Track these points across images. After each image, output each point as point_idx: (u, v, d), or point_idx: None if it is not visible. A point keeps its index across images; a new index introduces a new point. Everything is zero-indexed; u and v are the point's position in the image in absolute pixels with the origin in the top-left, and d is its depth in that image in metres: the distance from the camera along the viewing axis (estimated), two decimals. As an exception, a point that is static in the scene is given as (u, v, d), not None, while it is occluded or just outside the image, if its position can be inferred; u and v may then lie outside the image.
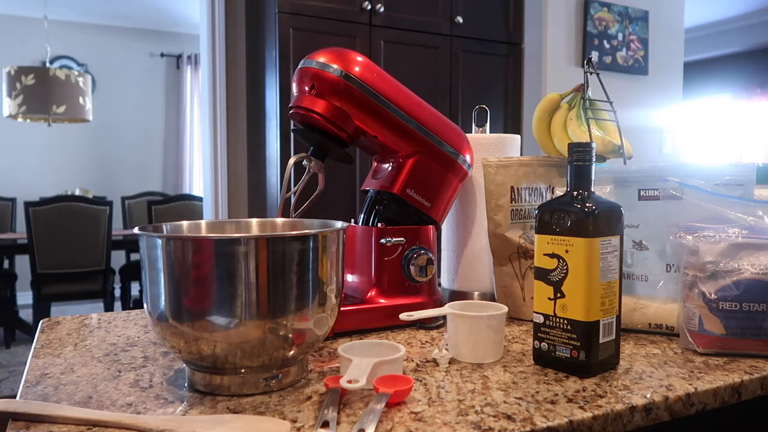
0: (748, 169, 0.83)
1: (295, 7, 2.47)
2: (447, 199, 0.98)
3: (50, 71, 3.87)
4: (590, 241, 0.68)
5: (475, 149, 1.04)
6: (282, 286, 0.61)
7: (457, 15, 2.80)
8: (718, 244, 0.78)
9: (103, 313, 1.04)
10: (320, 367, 0.72)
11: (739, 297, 0.75)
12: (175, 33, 5.88)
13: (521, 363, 0.75)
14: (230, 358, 0.61)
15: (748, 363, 0.74)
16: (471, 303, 0.81)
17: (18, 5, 5.09)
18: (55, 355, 0.78)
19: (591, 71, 1.03)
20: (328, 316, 0.66)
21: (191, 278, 0.59)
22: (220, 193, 2.84)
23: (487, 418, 0.57)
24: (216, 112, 2.82)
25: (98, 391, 0.65)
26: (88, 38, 5.54)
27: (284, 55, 2.46)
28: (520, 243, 0.95)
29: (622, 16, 3.06)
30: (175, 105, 5.94)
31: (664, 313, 0.86)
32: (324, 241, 0.64)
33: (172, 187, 5.91)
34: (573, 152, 0.72)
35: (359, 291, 0.93)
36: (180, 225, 0.74)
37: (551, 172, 1.00)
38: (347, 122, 0.88)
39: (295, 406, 0.60)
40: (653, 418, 0.62)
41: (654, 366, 0.73)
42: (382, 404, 0.57)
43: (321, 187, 0.96)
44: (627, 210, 0.83)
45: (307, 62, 0.89)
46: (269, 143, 2.61)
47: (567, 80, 2.94)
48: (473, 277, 1.06)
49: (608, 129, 1.05)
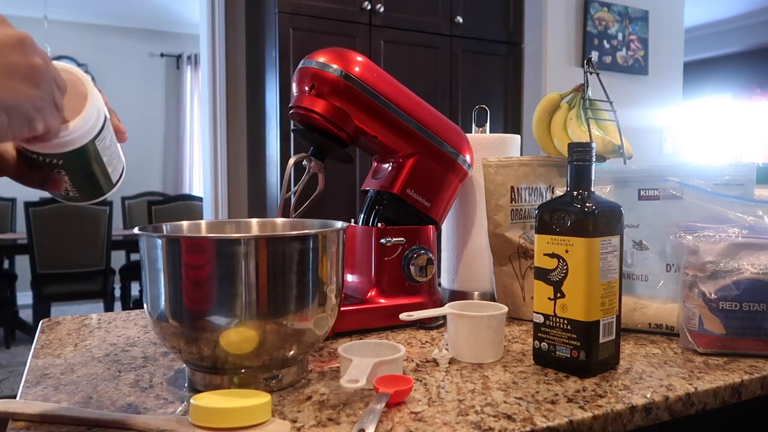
0: (748, 169, 0.83)
1: (295, 7, 2.47)
2: (447, 199, 0.98)
3: (50, 71, 3.86)
4: (590, 241, 0.68)
5: (475, 149, 1.04)
6: (282, 286, 0.61)
7: (457, 15, 2.80)
8: (718, 244, 0.78)
9: (103, 313, 1.04)
10: (320, 367, 0.72)
11: (739, 297, 0.75)
12: (175, 33, 5.88)
13: (521, 363, 0.75)
14: (230, 358, 0.61)
15: (748, 363, 0.74)
16: (471, 303, 0.81)
17: (18, 5, 5.09)
18: (55, 355, 0.78)
19: (591, 71, 1.03)
20: (328, 316, 0.66)
21: (191, 278, 0.59)
22: (220, 193, 2.85)
23: (487, 418, 0.57)
24: (216, 112, 2.82)
25: (98, 391, 0.65)
26: (88, 38, 5.54)
27: (284, 55, 2.46)
28: (520, 243, 0.95)
29: (622, 16, 3.06)
30: (175, 105, 5.93)
31: (664, 313, 0.86)
32: (324, 241, 0.64)
33: (172, 187, 5.91)
34: (573, 152, 0.72)
35: (359, 291, 0.93)
36: (180, 225, 0.74)
37: (551, 172, 1.00)
38: (347, 122, 0.88)
39: (295, 406, 0.60)
40: (653, 418, 0.62)
41: (654, 366, 0.73)
42: (382, 404, 0.57)
43: (321, 187, 0.96)
44: (627, 210, 0.83)
45: (307, 62, 0.89)
46: (269, 143, 2.61)
47: (567, 80, 2.94)
48: (473, 277, 1.06)
49: (608, 129, 1.05)
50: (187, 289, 0.60)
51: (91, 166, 0.55)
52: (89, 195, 0.58)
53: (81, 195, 0.57)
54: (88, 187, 0.57)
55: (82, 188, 0.57)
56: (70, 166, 0.54)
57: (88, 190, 0.57)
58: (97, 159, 0.55)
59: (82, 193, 0.57)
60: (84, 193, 0.57)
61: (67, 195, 0.57)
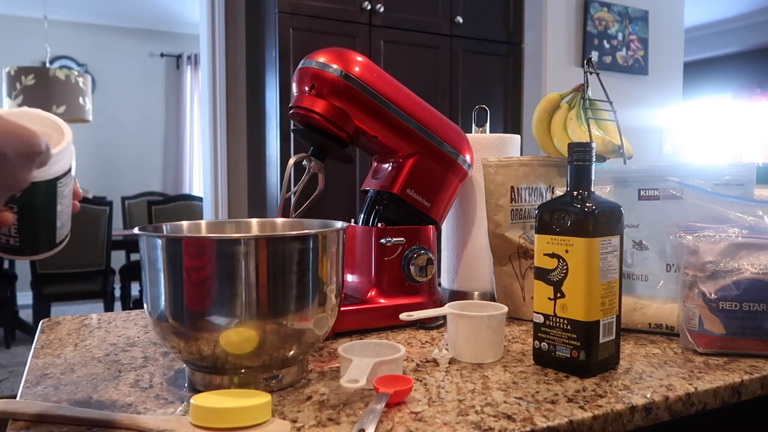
0: (748, 169, 0.83)
1: (295, 7, 2.47)
2: (447, 199, 0.98)
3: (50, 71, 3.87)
4: (590, 241, 0.68)
5: (475, 149, 1.04)
6: (282, 286, 0.61)
7: (457, 15, 2.80)
8: (718, 244, 0.78)
9: (103, 313, 1.04)
10: (320, 367, 0.72)
11: (739, 297, 0.75)
12: (175, 33, 5.88)
13: (521, 363, 0.75)
14: (230, 358, 0.61)
15: (748, 363, 0.74)
16: (471, 303, 0.81)
17: (18, 5, 5.09)
18: (55, 355, 0.78)
19: (591, 71, 1.03)
20: (328, 316, 0.66)
21: (191, 278, 0.59)
22: (220, 193, 2.84)
23: (487, 418, 0.57)
24: (216, 112, 2.82)
25: (98, 391, 0.65)
26: (88, 38, 5.54)
27: (284, 55, 2.46)
28: (520, 243, 0.95)
29: (622, 16, 3.06)
30: (175, 105, 5.93)
31: (664, 313, 0.86)
32: (324, 241, 0.64)
33: (172, 187, 5.91)
34: (573, 152, 0.72)
35: (359, 291, 0.93)
36: (180, 225, 0.74)
37: (551, 172, 1.00)
38: (347, 122, 0.88)
39: (295, 406, 0.60)
40: (653, 418, 0.62)
41: (654, 366, 0.73)
42: (382, 404, 0.57)
43: (321, 187, 0.96)
44: (627, 210, 0.83)
45: (307, 62, 0.89)
46: (269, 143, 2.61)
47: (567, 80, 2.94)
48: (473, 277, 1.06)
49: (608, 129, 1.05)
50: (187, 289, 0.60)
51: (45, 209, 0.54)
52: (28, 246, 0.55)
53: (20, 244, 0.55)
54: (31, 235, 0.55)
55: (25, 235, 0.54)
56: (27, 202, 0.52)
57: (29, 240, 0.55)
58: (52, 204, 0.54)
59: (22, 242, 0.55)
60: (24, 242, 0.55)
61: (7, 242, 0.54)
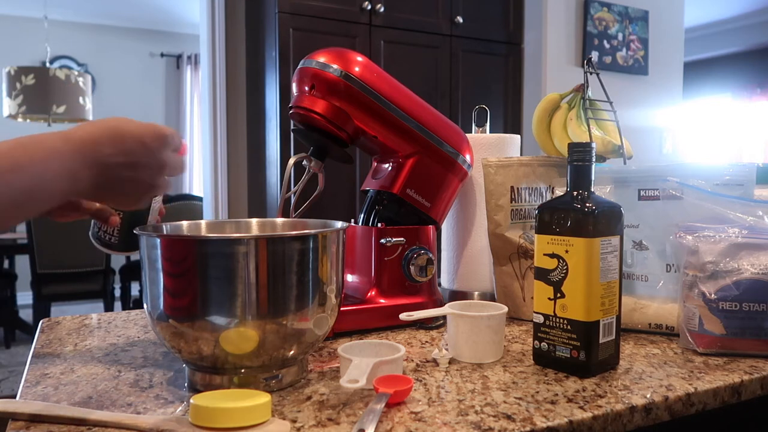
0: (748, 169, 0.83)
1: (295, 7, 2.47)
2: (447, 199, 0.98)
3: (50, 71, 3.87)
4: (590, 241, 0.68)
5: (475, 149, 1.04)
6: (282, 286, 0.61)
7: (457, 15, 2.80)
8: (718, 244, 0.78)
9: (103, 313, 1.04)
10: (320, 367, 0.72)
11: (739, 297, 0.75)
12: (175, 33, 5.88)
13: (521, 363, 0.75)
14: (230, 358, 0.61)
15: (748, 363, 0.74)
16: (471, 303, 0.81)
17: (18, 5, 5.09)
18: (55, 355, 0.78)
19: (591, 71, 1.03)
20: (328, 316, 0.66)
21: (191, 279, 0.59)
22: (220, 193, 2.84)
23: (487, 418, 0.57)
24: (216, 112, 2.82)
25: (98, 391, 0.65)
26: (88, 38, 5.54)
27: (284, 55, 2.46)
28: (520, 243, 0.95)
29: (622, 16, 3.06)
30: (175, 105, 5.93)
31: (664, 313, 0.86)
32: (324, 241, 0.64)
33: (172, 187, 5.90)
34: (573, 152, 0.72)
35: (359, 291, 0.93)
36: (180, 225, 0.74)
37: (551, 172, 1.00)
38: (347, 122, 0.88)
39: (295, 406, 0.60)
40: (653, 418, 0.62)
41: (654, 366, 0.73)
42: (382, 404, 0.57)
43: (321, 187, 0.96)
44: (627, 210, 0.83)
45: (307, 62, 0.89)
46: (269, 143, 2.61)
47: (567, 80, 2.94)
48: (473, 277, 1.06)
49: (608, 129, 1.05)
50: (187, 289, 0.60)
51: (141, 218, 0.67)
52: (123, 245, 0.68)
53: (118, 242, 0.68)
54: (127, 237, 0.68)
55: (123, 236, 0.68)
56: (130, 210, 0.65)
57: (125, 240, 0.68)
58: (146, 216, 0.68)
59: (120, 241, 0.68)
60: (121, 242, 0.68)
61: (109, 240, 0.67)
